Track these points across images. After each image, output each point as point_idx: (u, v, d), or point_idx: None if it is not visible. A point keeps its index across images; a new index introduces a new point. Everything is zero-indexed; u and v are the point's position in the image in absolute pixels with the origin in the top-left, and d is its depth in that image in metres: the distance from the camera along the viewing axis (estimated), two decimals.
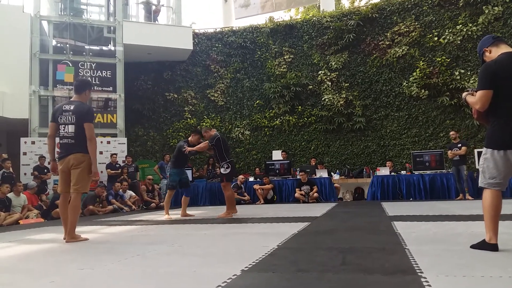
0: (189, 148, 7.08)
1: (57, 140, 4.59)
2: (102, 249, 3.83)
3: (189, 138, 7.34)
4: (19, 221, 7.66)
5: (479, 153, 9.67)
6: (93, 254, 3.58)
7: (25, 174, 10.62)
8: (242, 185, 10.98)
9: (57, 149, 4.69)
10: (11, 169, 9.58)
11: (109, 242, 4.43)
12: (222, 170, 6.94)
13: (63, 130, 4.42)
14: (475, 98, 2.96)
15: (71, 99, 4.61)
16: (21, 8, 12.37)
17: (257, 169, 13.07)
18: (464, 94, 3.18)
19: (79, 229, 5.91)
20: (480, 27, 11.97)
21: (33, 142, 11.07)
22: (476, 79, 11.26)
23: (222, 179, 7.00)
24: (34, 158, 10.74)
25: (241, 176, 11.24)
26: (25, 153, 10.92)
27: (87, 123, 4.37)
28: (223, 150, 6.94)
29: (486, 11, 11.89)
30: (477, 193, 9.25)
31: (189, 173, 11.84)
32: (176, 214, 7.55)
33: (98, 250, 3.78)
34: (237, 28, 15.42)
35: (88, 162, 4.39)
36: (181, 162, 7.42)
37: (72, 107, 4.42)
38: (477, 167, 9.65)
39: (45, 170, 10.50)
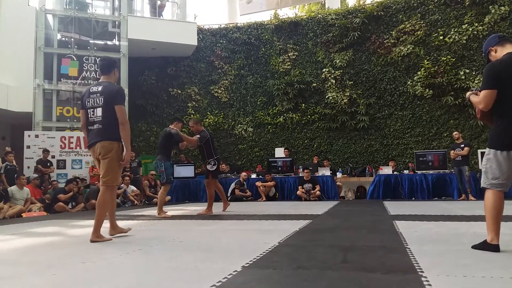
0: (185, 143, 6.93)
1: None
2: (104, 243, 3.84)
3: (172, 126, 6.81)
4: (22, 214, 7.70)
5: (483, 154, 9.68)
6: (95, 247, 3.60)
7: (28, 167, 10.66)
8: (244, 182, 10.99)
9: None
10: (14, 162, 9.62)
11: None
12: (208, 167, 6.88)
13: (92, 114, 3.96)
14: (479, 98, 2.94)
15: (99, 80, 4.16)
16: (27, 1, 12.40)
17: (258, 166, 13.07)
18: (468, 93, 3.15)
19: (82, 223, 5.95)
20: (486, 27, 11.90)
21: (36, 136, 11.10)
22: (481, 79, 11.20)
23: (208, 175, 6.93)
24: (38, 152, 10.77)
25: (243, 173, 11.25)
26: (28, 147, 10.95)
27: (118, 105, 3.90)
28: (212, 147, 6.95)
29: (493, 11, 11.82)
30: (479, 194, 9.23)
31: (191, 169, 11.88)
32: (172, 211, 7.57)
33: (100, 244, 3.79)
34: (242, 24, 15.40)
35: (116, 150, 3.91)
36: (170, 153, 7.09)
37: (100, 88, 3.96)
38: (480, 167, 9.65)
39: (48, 164, 10.55)
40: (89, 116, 3.98)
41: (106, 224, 4.03)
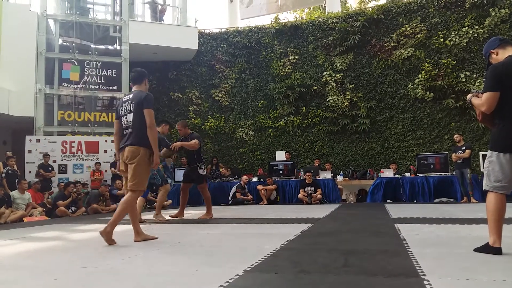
0: (178, 144, 6.60)
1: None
2: (105, 248, 3.84)
3: (159, 129, 6.48)
4: (23, 219, 7.70)
5: (484, 156, 9.66)
6: (97, 252, 3.60)
7: (29, 172, 10.68)
8: (245, 186, 10.99)
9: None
10: (15, 167, 9.64)
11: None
12: (200, 171, 6.77)
13: (125, 121, 4.13)
14: (481, 100, 2.93)
15: (131, 90, 4.35)
16: (28, 6, 12.45)
17: (260, 169, 13.07)
18: (469, 95, 3.13)
19: (83, 227, 5.95)
20: (487, 30, 11.92)
21: (38, 140, 11.13)
22: (482, 81, 11.23)
23: (202, 180, 6.84)
24: (39, 156, 10.80)
25: (244, 177, 11.25)
26: (30, 151, 10.98)
27: (147, 109, 4.04)
28: (201, 151, 6.94)
29: (493, 14, 11.83)
30: (481, 196, 9.21)
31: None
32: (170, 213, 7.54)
33: (101, 249, 3.79)
34: (242, 28, 15.44)
35: (143, 156, 4.00)
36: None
37: (131, 96, 4.18)
38: (481, 170, 9.62)
39: (50, 168, 10.56)
40: (123, 124, 4.15)
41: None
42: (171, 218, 6.76)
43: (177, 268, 2.77)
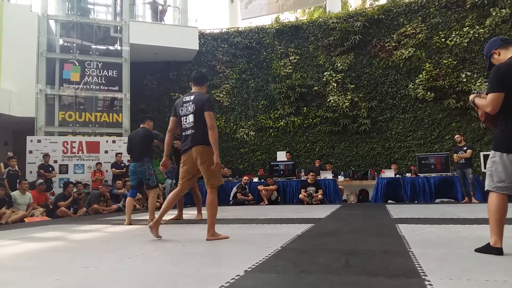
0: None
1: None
2: (106, 248, 3.84)
3: (144, 125, 6.36)
4: (24, 219, 7.71)
5: (485, 156, 9.67)
6: (98, 252, 3.60)
7: (30, 172, 10.69)
8: (246, 186, 10.98)
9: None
10: (16, 167, 9.65)
11: (114, 241, 4.45)
12: None
13: (185, 121, 4.23)
14: (485, 101, 2.91)
15: (191, 91, 4.40)
16: (29, 7, 12.47)
17: (260, 169, 13.07)
18: (471, 96, 3.11)
19: (84, 228, 5.95)
20: (487, 30, 11.91)
21: (39, 141, 11.14)
22: (483, 81, 11.22)
23: (197, 180, 6.80)
24: (40, 157, 10.81)
25: (245, 177, 11.25)
26: (31, 152, 10.98)
27: (208, 111, 4.13)
28: None
29: (494, 13, 11.82)
30: (482, 196, 9.20)
31: None
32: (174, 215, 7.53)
33: (102, 249, 3.80)
34: (243, 28, 15.44)
35: (209, 154, 4.12)
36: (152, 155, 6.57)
37: (192, 97, 4.25)
38: (483, 170, 9.62)
39: (50, 169, 10.57)
40: (182, 124, 4.26)
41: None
42: (170, 220, 6.70)
43: (177, 268, 2.77)
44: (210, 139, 4.09)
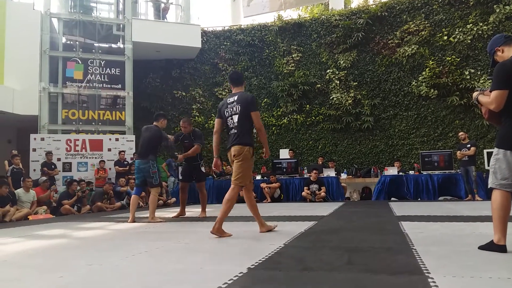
0: (181, 157, 6.61)
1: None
2: (110, 245, 3.86)
3: (157, 124, 6.36)
4: (28, 217, 7.74)
5: (489, 154, 9.64)
6: (101, 250, 3.61)
7: (34, 170, 10.73)
8: None
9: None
10: (20, 165, 9.68)
11: (117, 238, 4.46)
12: (202, 169, 6.75)
13: (230, 122, 4.32)
14: (489, 98, 2.89)
15: (233, 92, 4.47)
16: (32, 5, 12.49)
17: (263, 167, 13.07)
18: (475, 93, 3.09)
19: (88, 225, 5.98)
20: (491, 26, 11.85)
21: (42, 139, 11.18)
22: (486, 78, 11.16)
23: (204, 178, 6.82)
24: (44, 155, 10.85)
25: None
26: (34, 150, 11.03)
27: (254, 112, 4.25)
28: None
29: (497, 10, 11.76)
30: (486, 194, 9.18)
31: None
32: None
33: (106, 246, 3.81)
34: (246, 26, 15.42)
35: (246, 153, 4.24)
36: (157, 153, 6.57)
37: (236, 98, 4.30)
38: (486, 167, 9.59)
39: (53, 166, 10.60)
40: (229, 124, 4.35)
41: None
42: (173, 217, 6.72)
43: (181, 266, 2.77)
44: (260, 138, 4.32)
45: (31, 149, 11.01)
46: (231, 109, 4.30)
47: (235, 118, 4.26)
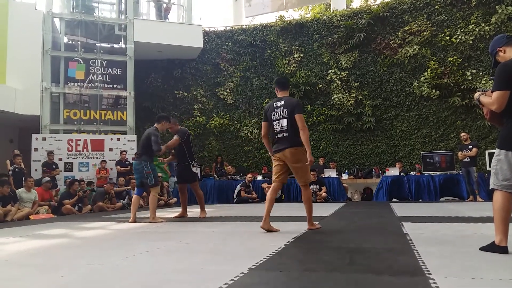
0: (165, 147, 6.32)
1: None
2: (111, 245, 3.86)
3: (158, 126, 6.32)
4: (29, 217, 7.75)
5: (491, 155, 9.62)
6: (103, 250, 3.62)
7: (36, 170, 10.75)
8: (250, 184, 10.99)
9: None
10: (22, 165, 9.70)
11: (118, 238, 4.46)
12: (193, 169, 6.60)
13: (277, 125, 4.53)
14: (491, 99, 2.88)
15: (278, 96, 4.68)
16: (34, 5, 12.52)
17: (264, 167, 13.07)
18: (476, 94, 3.08)
19: (89, 225, 5.99)
20: (493, 27, 11.83)
21: (44, 139, 11.20)
22: (488, 79, 11.14)
23: (195, 178, 6.69)
24: (45, 154, 10.87)
25: (249, 175, 11.25)
26: (36, 149, 11.05)
27: (298, 114, 4.45)
28: (192, 147, 6.70)
29: (499, 11, 11.74)
30: (487, 195, 9.16)
31: (197, 171, 11.85)
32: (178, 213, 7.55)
33: (107, 246, 3.82)
34: (247, 26, 15.43)
35: (303, 155, 4.47)
36: (153, 155, 6.41)
37: (282, 102, 4.52)
38: (488, 168, 9.57)
39: (54, 166, 10.62)
40: (275, 127, 4.56)
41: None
42: (174, 217, 6.71)
43: (182, 266, 2.77)
44: (302, 139, 4.44)
45: (33, 149, 11.03)
46: (278, 113, 4.51)
47: (283, 122, 4.48)
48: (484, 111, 3.08)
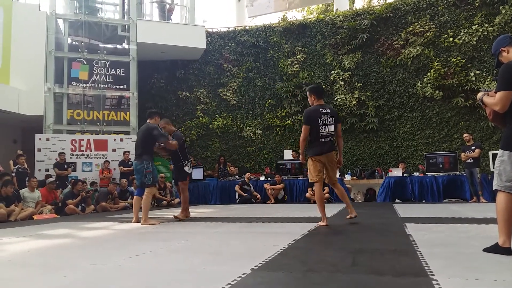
0: (163, 144, 6.31)
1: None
2: (114, 246, 3.87)
3: (151, 121, 6.31)
4: (33, 217, 7.78)
5: (494, 155, 9.58)
6: (105, 250, 3.62)
7: (39, 170, 10.78)
8: (249, 182, 10.99)
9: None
10: (25, 165, 9.73)
11: (121, 238, 4.47)
12: (186, 169, 6.61)
13: (323, 130, 5.00)
14: (494, 99, 2.86)
15: (321, 104, 5.20)
16: (38, 6, 12.56)
17: (267, 168, 13.06)
18: (479, 94, 3.06)
19: (92, 225, 6.00)
20: (497, 28, 11.78)
21: (47, 139, 11.23)
22: (492, 80, 11.09)
23: (185, 177, 6.66)
24: (49, 155, 10.91)
25: (247, 174, 11.27)
26: (39, 150, 11.08)
27: (340, 123, 5.21)
28: (185, 148, 6.81)
29: (503, 11, 11.70)
30: (491, 196, 9.12)
31: (200, 171, 11.88)
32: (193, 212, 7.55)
33: (110, 246, 3.82)
34: (250, 27, 15.44)
35: (336, 157, 5.22)
36: (153, 153, 6.44)
37: (328, 110, 5.12)
38: (491, 169, 9.54)
39: (65, 166, 10.65)
40: (320, 132, 5.02)
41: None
42: (176, 218, 6.56)
43: (184, 266, 2.78)
44: (340, 144, 5.28)
45: (36, 149, 11.07)
46: (326, 119, 5.02)
47: (331, 127, 5.03)
48: (487, 111, 3.05)
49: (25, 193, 8.18)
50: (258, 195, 10.98)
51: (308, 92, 5.38)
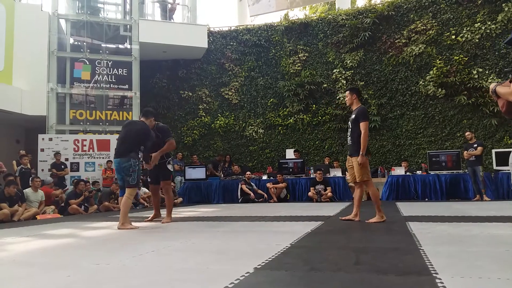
0: (156, 155, 5.72)
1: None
2: (117, 245, 3.87)
3: (144, 120, 5.80)
4: (36, 216, 7.80)
5: (497, 154, 9.56)
6: (109, 249, 3.63)
7: (42, 170, 10.81)
8: (250, 181, 10.99)
9: None
10: (28, 165, 9.76)
11: (124, 238, 4.48)
12: (169, 167, 6.06)
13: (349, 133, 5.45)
14: (509, 89, 2.61)
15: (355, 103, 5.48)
16: (40, 7, 12.61)
17: (269, 167, 13.07)
18: (492, 85, 2.81)
19: (95, 225, 6.01)
20: (499, 25, 11.74)
21: (50, 139, 11.26)
22: (495, 77, 11.05)
23: (168, 176, 6.08)
24: (52, 155, 10.93)
25: (248, 172, 11.27)
26: (42, 150, 11.11)
27: (363, 122, 5.22)
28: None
29: (506, 9, 11.65)
30: (494, 194, 9.10)
31: (203, 171, 11.88)
32: (184, 213, 7.57)
33: (113, 246, 3.83)
34: (252, 26, 15.43)
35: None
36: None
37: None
38: (495, 167, 9.52)
39: (62, 166, 10.67)
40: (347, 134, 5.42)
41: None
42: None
43: (187, 265, 2.78)
44: (362, 142, 5.21)
45: (39, 149, 11.10)
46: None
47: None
48: (499, 103, 2.80)
49: (29, 193, 8.20)
50: (265, 194, 10.84)
51: (349, 92, 5.54)
